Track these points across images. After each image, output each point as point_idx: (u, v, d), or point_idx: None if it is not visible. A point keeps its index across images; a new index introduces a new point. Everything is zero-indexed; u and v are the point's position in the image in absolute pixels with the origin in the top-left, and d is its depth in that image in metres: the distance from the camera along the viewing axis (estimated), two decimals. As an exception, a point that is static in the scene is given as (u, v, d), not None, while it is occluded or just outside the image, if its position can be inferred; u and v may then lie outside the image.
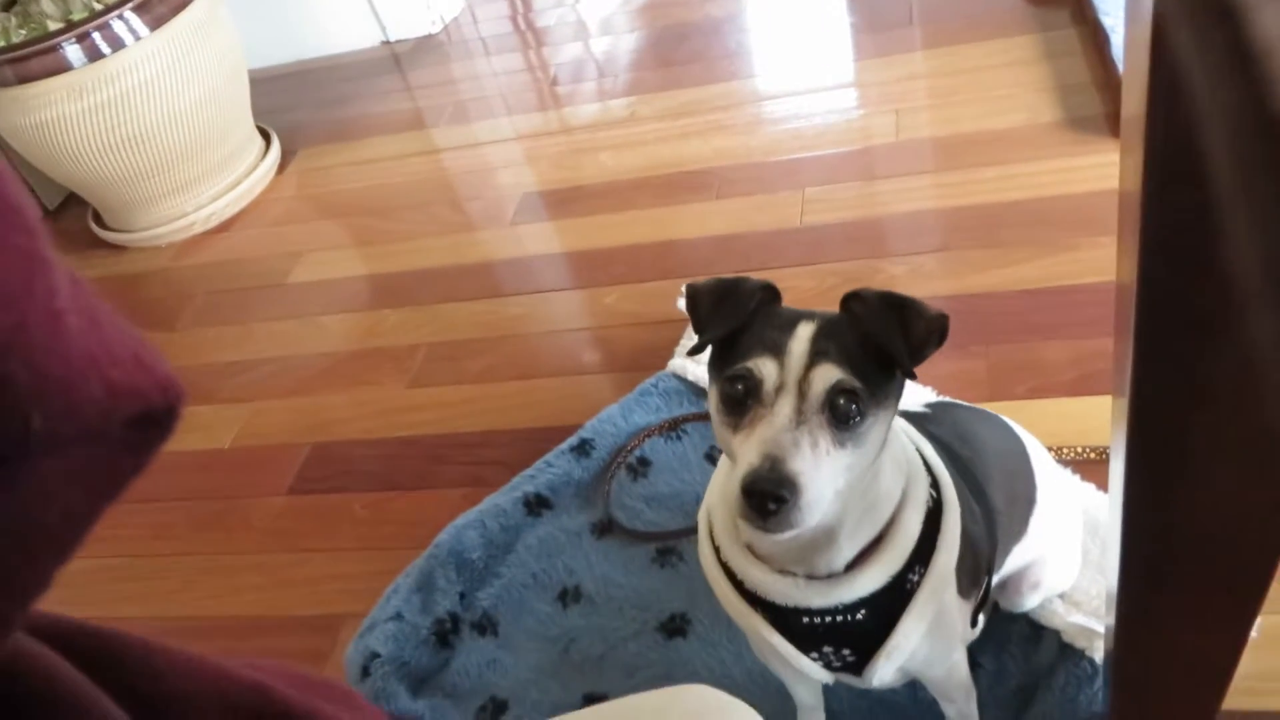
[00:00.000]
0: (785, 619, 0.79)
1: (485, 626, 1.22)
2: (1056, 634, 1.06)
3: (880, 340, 0.69)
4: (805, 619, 0.78)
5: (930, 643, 0.81)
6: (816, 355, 0.68)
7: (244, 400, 1.71)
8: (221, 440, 1.64)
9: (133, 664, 0.32)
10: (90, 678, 0.30)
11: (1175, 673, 0.77)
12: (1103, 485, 1.17)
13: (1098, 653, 1.03)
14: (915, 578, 0.77)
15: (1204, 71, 0.21)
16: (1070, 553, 1.06)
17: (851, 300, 0.72)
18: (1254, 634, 1.00)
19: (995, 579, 0.94)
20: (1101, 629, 1.03)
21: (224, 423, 1.67)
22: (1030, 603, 1.05)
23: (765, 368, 0.68)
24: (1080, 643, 1.04)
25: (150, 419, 0.25)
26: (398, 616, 1.22)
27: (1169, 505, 0.61)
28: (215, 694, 0.33)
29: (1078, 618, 1.06)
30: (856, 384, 0.67)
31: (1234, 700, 0.89)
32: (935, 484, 0.81)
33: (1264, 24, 0.18)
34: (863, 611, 0.77)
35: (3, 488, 0.22)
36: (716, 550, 0.82)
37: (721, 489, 0.81)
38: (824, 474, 0.66)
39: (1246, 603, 0.65)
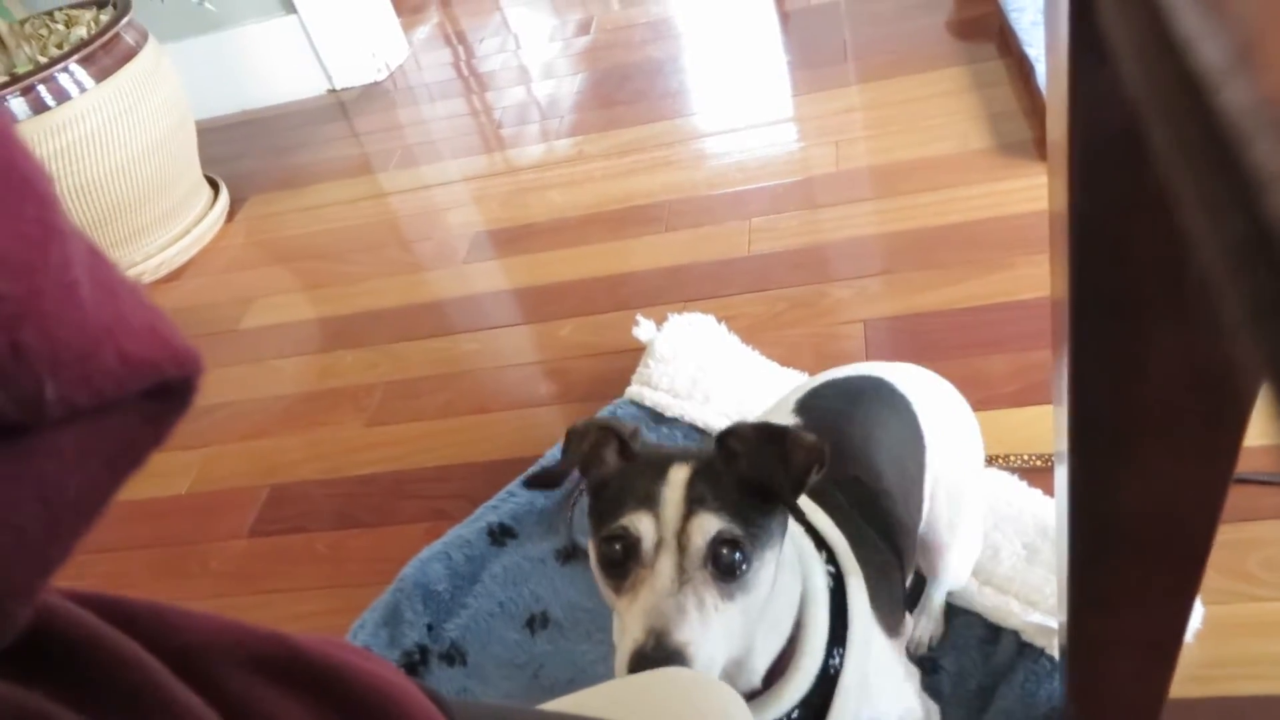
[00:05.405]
0: None
1: (454, 657, 1.22)
2: (1015, 634, 1.09)
3: (760, 476, 0.67)
4: None
5: (873, 704, 0.80)
6: (693, 504, 0.65)
7: (199, 446, 1.69)
8: (178, 486, 1.62)
9: (146, 621, 0.32)
10: None
11: (1124, 654, 0.80)
12: (1049, 490, 1.21)
13: (1055, 649, 1.06)
14: (837, 660, 0.76)
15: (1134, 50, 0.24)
16: (973, 495, 1.04)
17: (727, 437, 0.69)
18: (1199, 624, 1.05)
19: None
20: (1057, 626, 1.06)
21: (180, 468, 1.65)
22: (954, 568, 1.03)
23: (641, 524, 0.65)
24: (1039, 641, 1.07)
25: (167, 390, 0.25)
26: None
27: (1110, 487, 0.64)
28: (233, 643, 0.34)
29: (1035, 616, 1.09)
30: (738, 531, 0.65)
31: (1184, 688, 0.93)
32: (831, 558, 0.79)
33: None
34: (796, 711, 0.75)
35: (20, 458, 0.22)
36: None
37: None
38: (713, 634, 0.63)
39: (1186, 579, 0.68)
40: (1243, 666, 1.02)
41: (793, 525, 0.80)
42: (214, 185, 2.38)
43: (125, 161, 2.01)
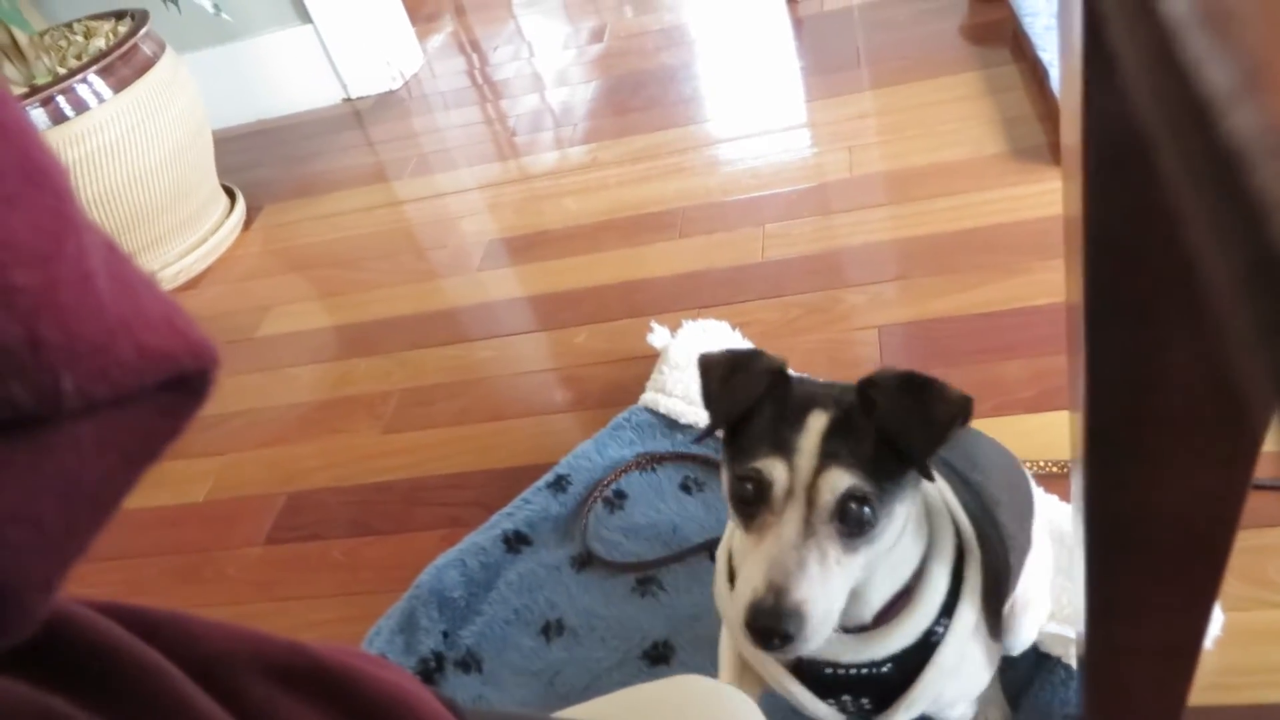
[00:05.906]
0: (806, 669, 0.78)
1: (469, 664, 1.23)
2: (1032, 643, 1.08)
3: (897, 434, 0.66)
4: (829, 670, 0.77)
5: (953, 689, 0.81)
6: (826, 457, 0.65)
7: (216, 454, 1.70)
8: (195, 495, 1.63)
9: (168, 630, 0.33)
10: None
11: (1143, 662, 0.79)
12: (1065, 497, 1.20)
13: (1073, 659, 1.06)
14: (940, 630, 0.77)
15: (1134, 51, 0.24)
16: (1046, 562, 1.07)
17: (868, 387, 0.68)
18: (1218, 631, 1.04)
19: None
20: (1074, 635, 1.06)
21: (197, 477, 1.66)
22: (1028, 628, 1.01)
23: (775, 471, 0.66)
24: (1056, 650, 1.07)
25: (184, 383, 0.25)
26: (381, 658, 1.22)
27: (1127, 494, 0.64)
28: (253, 653, 0.34)
29: (1052, 625, 1.08)
30: (868, 488, 0.64)
31: (1204, 696, 0.92)
32: (957, 532, 0.80)
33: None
34: (888, 665, 0.76)
35: (38, 450, 0.22)
36: None
37: (737, 545, 0.77)
38: (833, 587, 0.64)
39: (1205, 586, 0.68)
40: (1263, 674, 1.02)
41: (930, 487, 0.79)
42: (230, 194, 2.39)
43: (143, 171, 2.03)
